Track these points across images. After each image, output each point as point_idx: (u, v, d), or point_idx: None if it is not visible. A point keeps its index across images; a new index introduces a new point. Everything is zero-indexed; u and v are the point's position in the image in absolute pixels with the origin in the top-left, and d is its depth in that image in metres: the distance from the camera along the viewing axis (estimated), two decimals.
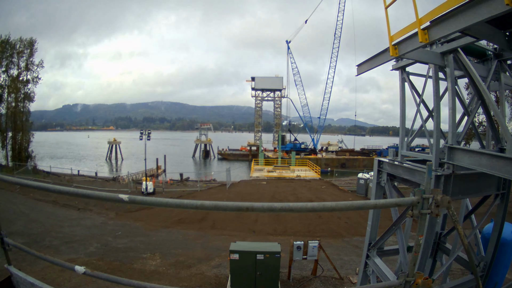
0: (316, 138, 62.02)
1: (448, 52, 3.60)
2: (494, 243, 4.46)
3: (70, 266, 2.23)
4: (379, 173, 4.93)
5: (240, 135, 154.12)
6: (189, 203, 1.76)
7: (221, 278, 8.21)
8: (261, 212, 1.84)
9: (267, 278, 6.69)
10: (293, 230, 13.37)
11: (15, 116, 31.34)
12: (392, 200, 3.31)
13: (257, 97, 71.33)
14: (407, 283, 1.96)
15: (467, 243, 2.57)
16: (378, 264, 4.72)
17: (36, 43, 32.12)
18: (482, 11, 2.31)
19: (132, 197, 1.82)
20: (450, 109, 3.63)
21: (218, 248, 10.66)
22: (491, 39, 3.33)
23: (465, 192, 3.76)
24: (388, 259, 5.88)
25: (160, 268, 8.93)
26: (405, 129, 4.68)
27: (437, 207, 1.83)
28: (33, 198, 17.19)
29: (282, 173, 29.70)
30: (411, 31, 3.10)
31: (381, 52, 4.12)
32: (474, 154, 3.21)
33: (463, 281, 4.65)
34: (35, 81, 32.35)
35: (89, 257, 9.60)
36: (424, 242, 3.72)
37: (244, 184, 24.29)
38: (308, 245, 7.99)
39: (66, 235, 11.94)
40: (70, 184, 22.49)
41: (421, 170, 3.91)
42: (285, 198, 18.68)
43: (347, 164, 50.45)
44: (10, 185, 17.45)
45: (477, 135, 4.18)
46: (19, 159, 30.93)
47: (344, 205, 1.84)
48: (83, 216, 15.16)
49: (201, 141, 67.36)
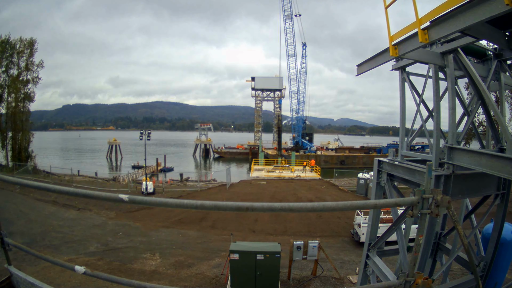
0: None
1: (448, 52, 3.60)
2: (494, 243, 4.46)
3: (70, 266, 2.23)
4: (379, 173, 4.93)
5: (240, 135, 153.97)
6: (189, 203, 1.76)
7: (221, 278, 8.21)
8: (261, 212, 1.84)
9: (267, 278, 6.69)
10: (293, 230, 13.38)
11: (15, 116, 31.32)
12: (392, 200, 3.31)
13: (257, 97, 71.30)
14: (407, 283, 1.96)
15: (467, 243, 2.57)
16: (378, 264, 4.72)
17: (36, 43, 32.15)
18: (482, 11, 2.31)
19: (132, 197, 1.82)
20: (450, 109, 3.63)
21: (218, 248, 10.66)
22: (491, 39, 3.33)
23: (465, 192, 3.76)
24: (388, 259, 5.88)
25: (160, 268, 8.93)
26: (405, 129, 4.68)
27: (437, 207, 1.83)
28: (33, 198, 17.18)
29: (282, 173, 29.70)
30: (411, 31, 3.10)
31: (381, 52, 4.11)
32: (474, 154, 3.21)
33: (463, 281, 4.65)
34: (35, 81, 32.37)
35: (89, 257, 9.60)
36: (424, 242, 3.72)
37: (244, 184, 24.27)
38: (308, 245, 7.99)
39: (66, 235, 11.94)
40: (70, 184, 22.49)
41: (421, 170, 3.91)
42: (285, 198, 18.68)
43: (346, 162, 50.47)
44: (10, 185, 17.45)
45: (477, 135, 4.18)
46: (19, 159, 30.91)
47: (344, 205, 1.84)
48: (83, 216, 15.16)
49: (201, 141, 67.35)
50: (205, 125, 71.10)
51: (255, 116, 74.13)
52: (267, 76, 71.28)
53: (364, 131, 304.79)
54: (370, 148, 62.72)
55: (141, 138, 27.75)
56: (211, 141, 67.75)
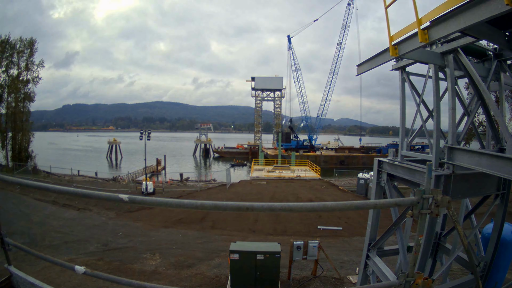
0: (315, 136, 61.95)
1: (448, 52, 3.60)
2: (494, 243, 4.46)
3: (70, 266, 2.23)
4: (379, 173, 4.93)
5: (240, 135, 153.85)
6: (189, 203, 1.76)
7: (221, 278, 8.21)
8: (261, 212, 1.84)
9: (267, 278, 6.69)
10: (293, 230, 13.37)
11: (15, 116, 31.32)
12: (392, 200, 3.31)
13: (257, 97, 71.31)
14: (407, 283, 1.96)
15: (467, 243, 2.57)
16: (378, 264, 4.72)
17: (36, 43, 32.16)
18: (482, 11, 2.31)
19: (132, 197, 1.82)
20: (450, 109, 3.63)
21: (218, 248, 10.66)
22: (491, 39, 3.33)
23: (465, 192, 3.76)
24: (388, 259, 5.88)
25: (160, 268, 8.93)
26: (405, 129, 4.68)
27: (437, 207, 1.83)
28: (33, 198, 17.18)
29: (282, 173, 29.70)
30: (411, 31, 3.10)
31: (381, 52, 4.11)
32: (474, 154, 3.21)
33: (463, 281, 4.65)
34: (35, 81, 32.37)
35: (89, 257, 9.60)
36: (424, 242, 3.72)
37: (244, 184, 24.28)
38: (308, 245, 7.99)
39: (66, 235, 11.94)
40: (70, 184, 22.49)
41: (421, 170, 3.91)
42: (285, 198, 18.68)
43: (346, 162, 50.46)
44: (10, 185, 17.45)
45: (477, 135, 4.18)
46: (19, 159, 30.91)
47: (344, 205, 1.84)
48: (83, 216, 15.16)
49: (201, 141, 67.39)
50: (205, 125, 71.17)
51: (255, 116, 74.16)
52: (267, 76, 71.30)
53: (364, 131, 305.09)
54: (370, 148, 62.76)
55: (141, 138, 27.79)
56: (211, 141, 67.82)
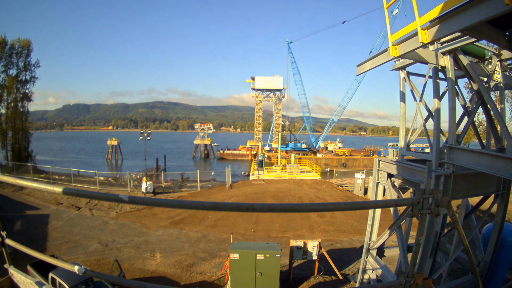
0: (321, 138, 61.93)
1: (448, 52, 3.60)
2: (494, 243, 4.46)
3: (70, 266, 2.23)
4: (379, 173, 4.93)
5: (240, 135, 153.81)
6: (189, 203, 1.76)
7: (221, 278, 8.21)
8: (261, 212, 1.83)
9: (267, 278, 6.69)
10: (293, 230, 13.37)
11: (15, 116, 31.39)
12: (392, 200, 3.31)
13: (257, 97, 71.27)
14: (407, 283, 1.96)
15: (467, 243, 2.57)
16: (378, 264, 4.72)
17: (31, 43, 32.42)
18: (482, 11, 2.31)
19: (132, 197, 1.82)
20: (450, 109, 3.64)
21: (218, 248, 10.66)
22: (491, 39, 3.32)
23: (465, 192, 3.76)
24: (388, 259, 5.88)
25: (160, 268, 8.93)
26: (405, 129, 4.68)
27: (437, 207, 1.83)
28: (33, 198, 17.20)
29: (282, 173, 29.69)
30: (411, 31, 3.10)
31: (381, 52, 4.11)
32: (474, 154, 3.21)
33: (463, 281, 4.65)
34: (33, 81, 32.59)
35: (89, 257, 9.60)
36: (424, 242, 3.73)
37: (244, 184, 24.27)
38: (308, 245, 7.99)
39: (66, 235, 11.95)
40: (70, 184, 22.49)
41: (421, 170, 3.91)
42: (285, 198, 18.67)
43: (348, 164, 50.45)
44: (10, 185, 17.46)
45: (477, 135, 4.18)
46: (19, 159, 30.91)
47: (344, 205, 1.85)
48: (83, 216, 15.16)
49: (201, 142, 67.39)
50: (205, 125, 71.12)
51: (255, 116, 74.13)
52: (267, 76, 71.20)
53: (364, 131, 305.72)
54: (370, 151, 62.87)
55: (141, 138, 27.85)
56: (211, 141, 67.79)
